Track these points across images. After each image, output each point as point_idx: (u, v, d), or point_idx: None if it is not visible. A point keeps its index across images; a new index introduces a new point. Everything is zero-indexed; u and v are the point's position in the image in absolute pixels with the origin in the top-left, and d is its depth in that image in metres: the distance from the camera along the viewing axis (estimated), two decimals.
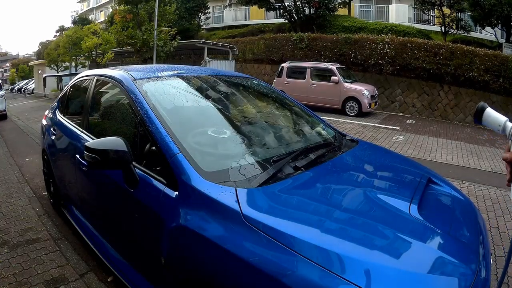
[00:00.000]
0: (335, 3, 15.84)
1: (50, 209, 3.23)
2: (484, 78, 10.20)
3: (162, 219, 1.36)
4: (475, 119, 0.94)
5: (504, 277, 1.10)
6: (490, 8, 11.64)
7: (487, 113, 0.91)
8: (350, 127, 8.10)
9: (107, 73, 2.20)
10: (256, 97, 2.49)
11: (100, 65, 15.95)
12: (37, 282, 2.12)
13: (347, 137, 2.20)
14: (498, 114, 0.91)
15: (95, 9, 37.10)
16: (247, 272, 1.05)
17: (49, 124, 3.10)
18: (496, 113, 0.91)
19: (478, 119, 0.93)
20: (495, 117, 0.90)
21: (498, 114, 0.91)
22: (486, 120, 0.92)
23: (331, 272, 0.95)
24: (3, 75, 50.97)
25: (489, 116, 0.91)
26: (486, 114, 0.91)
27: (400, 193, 1.54)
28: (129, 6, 14.49)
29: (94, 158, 1.46)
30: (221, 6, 24.22)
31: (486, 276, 1.19)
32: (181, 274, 1.28)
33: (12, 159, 5.26)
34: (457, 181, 4.31)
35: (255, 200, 1.28)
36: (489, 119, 0.91)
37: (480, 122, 0.93)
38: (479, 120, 0.93)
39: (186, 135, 1.58)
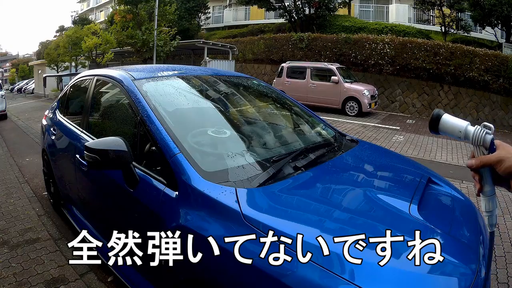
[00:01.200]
0: (335, 3, 15.83)
1: (50, 209, 3.23)
2: (484, 78, 10.19)
3: (162, 219, 1.36)
4: (431, 129, 0.81)
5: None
6: (490, 8, 11.64)
7: (444, 120, 0.79)
8: (350, 127, 8.10)
9: (107, 73, 2.20)
10: (256, 97, 2.49)
11: (100, 65, 15.94)
12: (37, 282, 2.12)
13: (347, 137, 2.20)
14: (457, 119, 0.79)
15: (95, 9, 37.09)
16: (247, 272, 1.05)
17: (49, 124, 3.10)
18: (455, 118, 0.79)
19: (433, 129, 0.80)
20: (454, 123, 0.78)
21: (457, 120, 0.79)
22: (444, 128, 0.79)
23: (331, 272, 0.95)
24: (3, 75, 50.94)
25: (446, 123, 0.79)
26: (443, 122, 0.79)
27: (400, 193, 1.54)
28: (129, 6, 14.49)
29: (94, 158, 1.46)
30: (221, 6, 24.21)
31: (486, 276, 1.19)
32: (181, 274, 1.28)
33: (12, 159, 5.26)
34: (457, 181, 4.31)
35: (255, 200, 1.28)
36: (447, 126, 0.79)
37: (437, 132, 0.80)
38: (435, 130, 0.80)
39: (186, 135, 1.58)
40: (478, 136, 0.76)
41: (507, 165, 0.74)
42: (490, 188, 0.79)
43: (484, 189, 0.80)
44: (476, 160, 0.77)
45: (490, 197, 0.80)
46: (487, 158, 0.76)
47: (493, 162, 0.76)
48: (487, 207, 0.81)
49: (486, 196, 0.80)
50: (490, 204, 0.80)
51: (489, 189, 0.79)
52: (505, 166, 0.74)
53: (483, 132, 0.76)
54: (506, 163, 0.74)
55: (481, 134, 0.76)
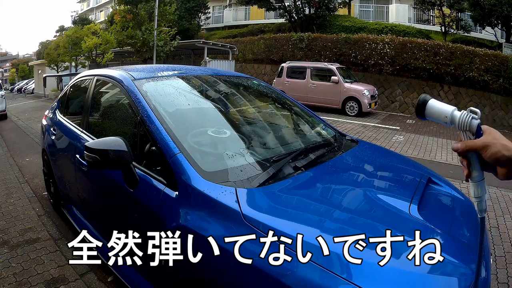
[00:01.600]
0: (335, 3, 15.83)
1: (50, 209, 3.23)
2: (484, 78, 10.19)
3: (162, 219, 1.36)
4: (418, 114, 0.80)
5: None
6: (490, 8, 11.64)
7: (431, 105, 0.78)
8: (350, 127, 8.10)
9: (107, 73, 2.20)
10: (256, 97, 2.49)
11: (100, 65, 15.94)
12: (37, 282, 2.12)
13: (347, 137, 2.20)
14: (444, 104, 0.78)
15: (95, 9, 37.09)
16: (247, 272, 1.05)
17: (49, 124, 3.10)
18: (441, 103, 0.78)
19: (420, 114, 0.79)
20: (440, 108, 0.77)
21: (443, 105, 0.78)
22: (430, 113, 0.78)
23: (331, 272, 0.95)
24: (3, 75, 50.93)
25: (433, 108, 0.78)
26: (429, 107, 0.78)
27: (400, 193, 1.54)
28: (129, 6, 14.49)
29: (94, 158, 1.46)
30: (221, 6, 24.21)
31: (486, 276, 1.19)
32: (181, 274, 1.28)
33: (12, 159, 5.26)
34: (457, 181, 4.30)
35: (255, 200, 1.28)
36: (433, 111, 0.78)
37: (424, 117, 0.79)
38: (421, 115, 0.79)
39: (186, 135, 1.58)
40: (464, 121, 0.75)
41: (492, 151, 0.72)
42: (478, 173, 0.78)
43: (472, 174, 0.78)
44: (461, 144, 0.76)
45: (479, 183, 0.78)
46: (473, 143, 0.75)
47: (478, 147, 0.74)
48: (476, 193, 0.80)
49: (474, 181, 0.79)
50: (479, 190, 0.79)
51: (477, 174, 0.78)
52: (490, 152, 0.73)
53: (469, 117, 0.75)
54: (492, 149, 0.72)
55: (467, 119, 0.75)
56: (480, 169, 0.77)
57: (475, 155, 0.76)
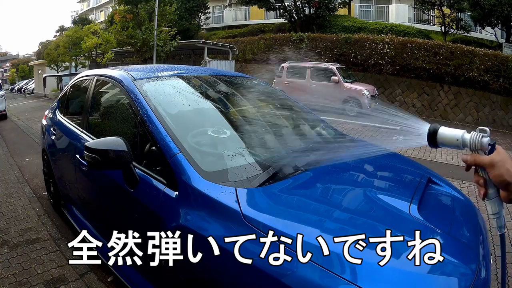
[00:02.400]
0: (335, 3, 15.84)
1: (50, 209, 3.23)
2: (484, 78, 10.20)
3: (162, 219, 1.36)
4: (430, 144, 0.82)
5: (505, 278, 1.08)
6: (490, 8, 11.64)
7: (442, 133, 0.80)
8: (350, 127, 8.10)
9: (107, 73, 2.20)
10: (256, 97, 2.49)
11: (100, 65, 15.94)
12: (37, 282, 2.12)
13: (347, 137, 2.20)
14: (453, 130, 0.80)
15: (95, 9, 37.08)
16: (247, 272, 1.05)
17: (49, 124, 3.10)
18: (450, 129, 0.81)
19: (432, 142, 0.81)
20: (451, 134, 0.79)
21: (453, 130, 0.80)
22: (442, 141, 0.81)
23: (331, 272, 0.95)
24: (3, 75, 50.92)
25: (444, 135, 0.80)
26: (440, 135, 0.80)
27: (400, 193, 1.54)
28: (129, 6, 14.49)
29: (94, 158, 1.46)
30: (221, 6, 24.20)
31: (486, 276, 1.19)
32: (181, 274, 1.28)
33: (12, 159, 5.26)
34: (457, 181, 4.30)
35: (255, 200, 1.28)
36: (444, 138, 0.80)
37: (436, 145, 0.81)
38: (434, 144, 0.81)
39: (186, 135, 1.58)
40: (475, 141, 0.77)
41: (496, 172, 0.74)
42: (493, 190, 0.79)
43: (488, 192, 0.80)
44: (470, 157, 0.78)
45: (495, 199, 0.80)
46: (480, 158, 0.76)
47: (485, 164, 0.76)
48: (494, 210, 0.81)
49: (490, 198, 0.80)
50: (496, 207, 0.81)
51: (492, 191, 0.79)
52: (494, 173, 0.74)
53: (480, 136, 0.77)
54: (496, 170, 0.74)
55: (478, 138, 0.77)
56: (494, 186, 0.79)
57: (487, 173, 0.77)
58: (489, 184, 0.79)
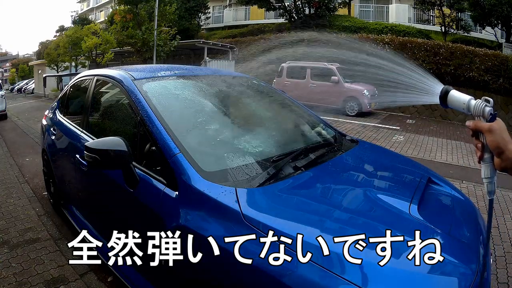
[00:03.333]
0: (335, 3, 15.85)
1: (50, 209, 3.23)
2: (484, 78, 10.20)
3: (162, 219, 1.36)
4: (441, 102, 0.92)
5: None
6: (490, 8, 11.64)
7: (452, 95, 0.90)
8: (350, 127, 8.10)
9: (107, 73, 2.20)
10: (256, 97, 2.49)
11: (100, 65, 15.94)
12: (37, 282, 2.12)
13: (347, 137, 2.20)
14: (462, 94, 0.90)
15: (95, 9, 37.08)
16: (247, 272, 1.05)
17: (49, 124, 3.10)
18: (460, 93, 0.90)
19: (443, 102, 0.92)
20: (459, 97, 0.89)
21: (462, 94, 0.90)
22: (451, 102, 0.91)
23: (331, 272, 0.95)
24: (3, 75, 50.91)
25: (453, 97, 0.90)
26: (450, 96, 0.90)
27: (400, 193, 1.54)
28: (129, 6, 14.50)
29: (94, 158, 1.46)
30: (221, 6, 24.20)
31: (486, 276, 1.19)
32: (181, 274, 1.28)
33: (12, 159, 5.26)
34: (457, 181, 4.31)
35: (255, 200, 1.28)
36: (453, 100, 0.90)
37: (446, 105, 0.92)
38: (444, 103, 0.92)
39: (186, 135, 1.58)
40: (478, 108, 0.86)
41: (492, 138, 0.81)
42: (488, 155, 0.87)
43: (484, 156, 0.87)
44: (472, 123, 0.87)
45: (489, 164, 0.87)
46: (481, 124, 0.85)
47: (484, 129, 0.83)
48: (486, 174, 0.89)
49: (486, 162, 0.88)
50: (489, 171, 0.88)
51: (487, 156, 0.87)
52: (491, 139, 0.82)
53: (483, 105, 0.85)
54: (492, 137, 0.81)
55: (481, 106, 0.85)
56: (490, 152, 0.86)
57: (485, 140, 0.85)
58: (485, 149, 0.87)
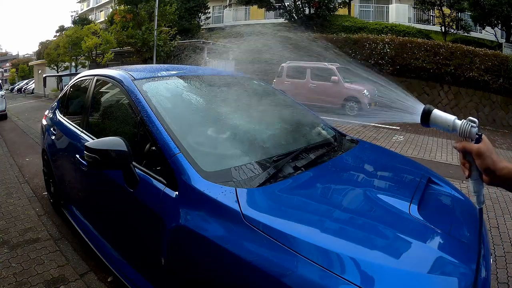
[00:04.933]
0: (335, 3, 15.85)
1: (50, 209, 3.23)
2: (484, 78, 10.20)
3: (162, 219, 1.36)
4: (422, 122, 0.92)
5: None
6: (490, 8, 11.64)
7: (435, 114, 0.90)
8: (350, 127, 8.10)
9: (107, 73, 2.20)
10: (256, 97, 2.49)
11: (100, 65, 15.95)
12: (37, 282, 2.12)
13: (347, 137, 2.20)
14: (446, 114, 0.90)
15: (95, 9, 37.08)
16: (247, 272, 1.05)
17: (49, 124, 3.10)
18: (444, 113, 0.91)
19: (425, 122, 0.91)
20: (444, 117, 0.90)
21: (446, 114, 0.90)
22: (434, 121, 0.91)
23: (331, 272, 0.95)
24: (3, 75, 50.91)
25: (437, 117, 0.90)
26: (433, 116, 0.90)
27: (400, 193, 1.54)
28: (129, 6, 14.50)
29: (94, 158, 1.46)
30: (221, 6, 24.21)
31: (486, 276, 1.19)
32: (181, 274, 1.28)
33: (12, 159, 5.26)
34: (457, 181, 4.30)
35: (255, 200, 1.28)
36: (438, 120, 0.90)
37: (428, 124, 0.92)
38: (426, 123, 0.91)
39: (186, 135, 1.58)
40: (464, 128, 0.87)
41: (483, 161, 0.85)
42: (476, 173, 0.91)
43: (472, 173, 0.91)
44: (459, 144, 0.89)
45: (477, 181, 0.92)
46: (469, 145, 0.87)
47: (472, 151, 0.86)
48: (475, 189, 0.93)
49: (473, 179, 0.92)
50: (477, 186, 0.93)
51: (475, 173, 0.91)
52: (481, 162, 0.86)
53: (469, 126, 0.86)
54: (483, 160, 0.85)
55: (467, 127, 0.87)
56: (477, 169, 0.90)
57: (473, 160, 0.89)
58: (473, 168, 0.90)
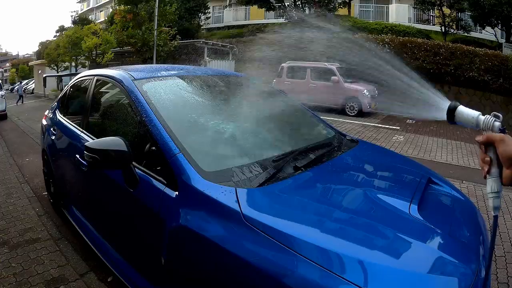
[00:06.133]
0: (335, 3, 15.85)
1: (50, 209, 3.23)
2: (484, 78, 10.20)
3: (162, 219, 1.36)
4: (448, 118, 0.92)
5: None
6: (490, 8, 11.65)
7: (460, 111, 0.91)
8: (350, 127, 8.10)
9: (107, 73, 2.20)
10: (256, 97, 2.49)
11: (100, 65, 15.95)
12: (37, 282, 2.12)
13: (347, 137, 2.20)
14: (470, 110, 0.90)
15: (95, 9, 37.10)
16: (247, 272, 1.05)
17: (49, 124, 3.10)
18: (468, 109, 0.91)
19: (450, 119, 0.92)
20: (468, 113, 0.90)
21: (470, 110, 0.90)
22: (459, 118, 0.91)
23: (331, 272, 0.95)
24: (3, 75, 50.93)
25: (462, 113, 0.90)
26: (458, 112, 0.91)
27: (400, 193, 1.54)
28: (129, 6, 14.51)
29: (94, 158, 1.46)
30: (221, 6, 24.21)
31: (486, 276, 1.19)
32: (181, 274, 1.28)
33: (12, 159, 5.26)
34: (457, 181, 4.30)
35: (255, 200, 1.28)
36: (462, 116, 0.90)
37: (454, 121, 0.92)
38: (452, 119, 0.92)
39: (186, 135, 1.58)
40: (488, 123, 0.86)
41: (505, 147, 0.81)
42: (496, 170, 0.86)
43: (491, 170, 0.86)
44: (483, 136, 0.86)
45: (496, 178, 0.86)
46: (493, 134, 0.85)
47: (496, 139, 0.83)
48: (493, 188, 0.87)
49: (493, 176, 0.86)
50: (496, 186, 0.86)
51: (494, 170, 0.86)
52: (503, 148, 0.81)
53: (492, 120, 0.86)
54: (505, 145, 0.81)
55: (491, 121, 0.86)
56: (498, 166, 0.85)
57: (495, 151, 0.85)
58: (493, 163, 0.86)
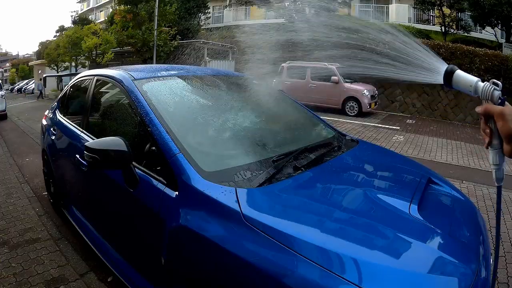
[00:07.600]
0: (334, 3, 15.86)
1: (50, 209, 3.23)
2: (484, 78, 10.15)
3: (162, 219, 1.36)
4: (445, 83, 0.86)
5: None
6: (490, 8, 11.65)
7: (458, 75, 0.85)
8: (350, 127, 8.10)
9: (107, 73, 2.20)
10: (256, 97, 2.49)
11: (100, 65, 15.96)
12: (37, 282, 2.12)
13: (347, 137, 2.20)
14: (469, 75, 0.84)
15: (95, 9, 37.10)
16: (247, 272, 1.05)
17: (49, 124, 3.10)
18: (466, 74, 0.85)
19: (448, 82, 0.86)
20: (466, 78, 0.84)
21: (468, 75, 0.84)
22: (456, 83, 0.85)
23: (331, 272, 0.95)
24: (3, 75, 50.94)
25: (459, 77, 0.84)
26: (456, 76, 0.85)
27: (400, 193, 1.54)
28: (129, 6, 14.51)
29: (94, 158, 1.46)
30: (221, 6, 24.22)
31: (486, 276, 1.19)
32: (181, 274, 1.28)
33: (12, 159, 5.26)
34: (457, 181, 4.31)
35: (255, 200, 1.28)
36: (459, 81, 0.84)
37: (451, 86, 0.86)
38: (449, 84, 0.86)
39: (186, 135, 1.58)
40: (487, 91, 0.80)
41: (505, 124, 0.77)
42: (497, 141, 0.82)
43: (492, 141, 0.83)
44: (482, 107, 0.82)
45: (497, 151, 0.83)
46: (492, 107, 0.79)
47: (495, 113, 0.78)
48: (495, 160, 0.84)
49: (494, 149, 0.83)
50: (497, 158, 0.83)
51: (496, 142, 0.82)
52: (502, 124, 0.77)
53: (492, 88, 0.80)
54: (504, 121, 0.77)
55: (490, 89, 0.80)
56: (498, 138, 0.81)
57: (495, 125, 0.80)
58: (494, 135, 0.82)
